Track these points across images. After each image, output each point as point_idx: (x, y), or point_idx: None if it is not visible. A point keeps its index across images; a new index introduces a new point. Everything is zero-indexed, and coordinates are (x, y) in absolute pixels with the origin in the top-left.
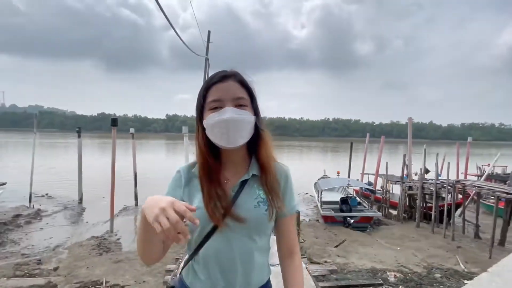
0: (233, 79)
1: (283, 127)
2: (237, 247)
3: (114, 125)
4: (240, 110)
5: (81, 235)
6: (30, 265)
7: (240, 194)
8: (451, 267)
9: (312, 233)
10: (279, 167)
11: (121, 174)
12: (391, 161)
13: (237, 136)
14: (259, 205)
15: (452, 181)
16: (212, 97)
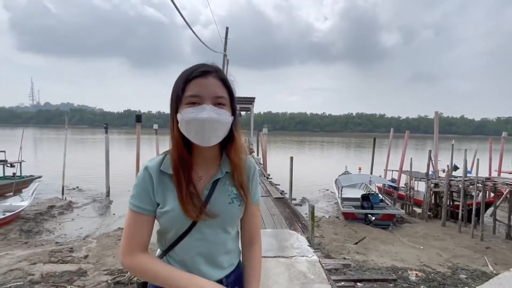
0: (214, 75)
1: (304, 122)
2: (212, 240)
3: (138, 121)
4: (219, 109)
5: (108, 226)
6: (63, 253)
7: (214, 192)
8: (478, 268)
9: (331, 230)
10: (248, 161)
11: None
12: (418, 158)
13: (212, 135)
14: (233, 201)
15: (481, 178)
16: (191, 92)
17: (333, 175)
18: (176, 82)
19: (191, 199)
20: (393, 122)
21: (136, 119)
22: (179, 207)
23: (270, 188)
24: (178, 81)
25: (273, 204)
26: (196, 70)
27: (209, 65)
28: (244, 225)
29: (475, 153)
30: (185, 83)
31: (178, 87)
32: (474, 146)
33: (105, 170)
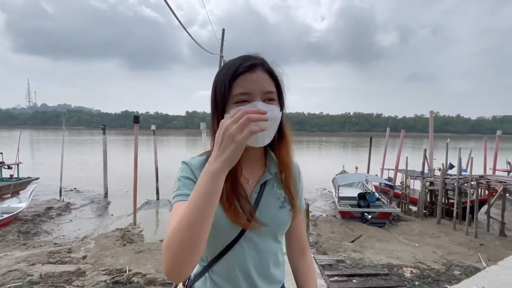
0: (261, 68)
1: (302, 122)
2: (264, 250)
3: (136, 122)
4: (269, 105)
5: (107, 227)
6: (61, 253)
7: (263, 196)
8: (472, 264)
9: (328, 228)
10: (294, 164)
11: (143, 170)
12: (414, 156)
13: (266, 135)
14: (284, 205)
15: (475, 176)
16: (240, 89)
17: (330, 175)
18: (220, 80)
19: (239, 203)
20: (390, 122)
21: (134, 120)
22: (224, 213)
23: None
24: (222, 78)
25: None
26: (242, 64)
27: (254, 56)
28: (295, 233)
29: (470, 152)
30: (231, 80)
31: (223, 85)
32: (470, 145)
33: (103, 171)
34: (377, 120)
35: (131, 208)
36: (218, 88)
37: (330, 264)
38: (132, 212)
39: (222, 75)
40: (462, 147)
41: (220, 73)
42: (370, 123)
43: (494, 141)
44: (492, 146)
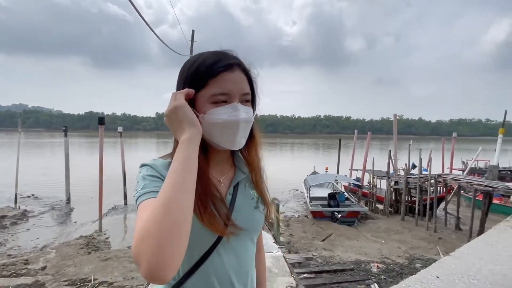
0: (239, 68)
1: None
2: (243, 256)
3: (101, 123)
4: (247, 107)
5: (69, 235)
6: (17, 265)
7: (238, 196)
8: (432, 257)
9: (300, 228)
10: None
11: (110, 174)
12: (381, 157)
13: (242, 138)
14: (258, 206)
15: (434, 175)
16: (220, 89)
17: (302, 176)
18: (194, 75)
19: (214, 206)
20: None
21: (99, 121)
22: (196, 218)
23: None
24: (198, 73)
25: None
26: (221, 62)
27: (230, 54)
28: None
29: (430, 153)
30: (209, 78)
31: (197, 80)
32: (430, 146)
33: (64, 175)
34: (346, 123)
35: (97, 214)
36: (190, 82)
37: (300, 262)
38: (97, 218)
39: (197, 70)
40: (423, 148)
41: (191, 67)
42: (340, 125)
43: (451, 143)
44: (449, 147)
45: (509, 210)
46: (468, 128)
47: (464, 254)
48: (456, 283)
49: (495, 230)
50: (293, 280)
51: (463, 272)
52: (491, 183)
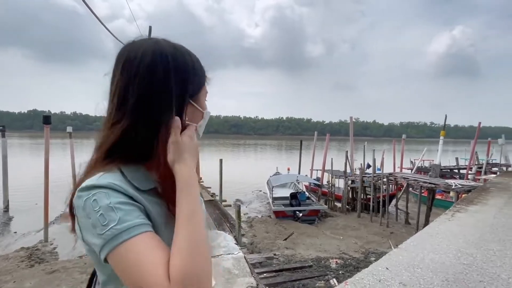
0: None
1: (238, 125)
2: None
3: (47, 123)
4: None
5: (8, 247)
6: None
7: None
8: (384, 250)
9: (263, 229)
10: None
11: (57, 178)
12: (339, 158)
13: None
14: None
15: (386, 174)
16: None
17: (266, 176)
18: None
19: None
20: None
21: (44, 121)
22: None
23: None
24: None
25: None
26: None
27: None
28: None
29: (383, 153)
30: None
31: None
32: (383, 147)
33: (2, 180)
34: (307, 125)
35: (41, 223)
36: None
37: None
38: (42, 227)
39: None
40: (377, 149)
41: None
42: (302, 127)
43: (401, 144)
44: (400, 148)
45: (449, 204)
46: (416, 130)
47: (410, 246)
48: (402, 273)
49: (436, 222)
50: (254, 280)
51: (409, 262)
52: (434, 180)
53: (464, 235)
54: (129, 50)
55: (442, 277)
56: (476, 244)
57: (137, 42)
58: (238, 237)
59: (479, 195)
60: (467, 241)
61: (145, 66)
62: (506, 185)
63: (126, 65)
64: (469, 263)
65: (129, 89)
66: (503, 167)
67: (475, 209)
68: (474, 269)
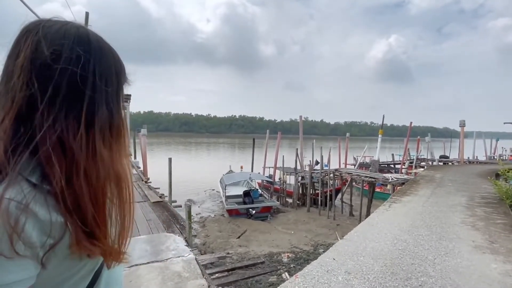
0: None
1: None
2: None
3: None
4: None
5: None
6: None
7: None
8: (332, 241)
9: (216, 228)
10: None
11: None
12: (290, 155)
13: None
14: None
15: (332, 170)
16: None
17: (219, 175)
18: (121, 68)
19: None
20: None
21: None
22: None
23: (148, 192)
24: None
25: (150, 208)
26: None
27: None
28: None
29: (329, 151)
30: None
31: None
32: (329, 145)
33: None
34: (260, 123)
35: None
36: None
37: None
38: None
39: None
40: (324, 147)
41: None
42: (254, 125)
43: (345, 142)
44: (344, 146)
45: (386, 196)
46: (358, 129)
47: (354, 236)
48: (347, 262)
49: (376, 213)
50: (205, 282)
51: (353, 251)
52: (374, 175)
53: (399, 223)
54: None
55: (381, 263)
56: (409, 231)
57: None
58: (189, 239)
59: (410, 187)
60: (401, 229)
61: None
62: (432, 178)
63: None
64: (403, 248)
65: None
66: (429, 161)
67: (407, 199)
68: (407, 253)
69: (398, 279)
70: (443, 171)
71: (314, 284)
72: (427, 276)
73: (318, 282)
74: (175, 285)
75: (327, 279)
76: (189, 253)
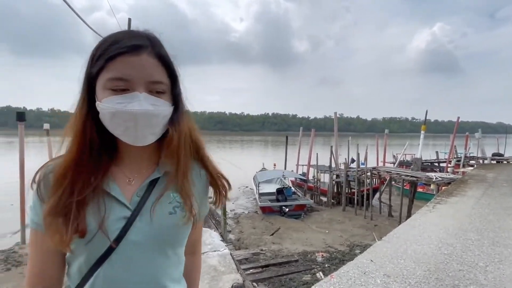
0: (149, 52)
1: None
2: (147, 267)
3: (21, 120)
4: (156, 98)
5: None
6: None
7: (148, 198)
8: (369, 243)
9: (250, 224)
10: (196, 164)
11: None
12: (324, 153)
13: (148, 133)
14: (175, 211)
15: (369, 168)
16: (116, 74)
17: (252, 172)
18: (93, 54)
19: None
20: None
21: (18, 118)
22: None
23: None
24: (96, 53)
25: None
26: (123, 41)
27: (141, 33)
28: (190, 236)
29: (366, 148)
30: (107, 60)
31: (98, 62)
32: (366, 142)
33: None
34: (293, 120)
35: (18, 224)
36: (89, 64)
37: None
38: (19, 229)
39: (97, 49)
40: (361, 144)
41: (97, 46)
42: (287, 123)
43: (384, 139)
44: (382, 143)
45: (429, 196)
46: (398, 125)
47: (394, 237)
48: (386, 264)
49: (418, 214)
50: (240, 277)
51: (392, 254)
52: (416, 174)
53: (444, 226)
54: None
55: (424, 267)
56: (456, 234)
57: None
58: (224, 234)
59: (458, 187)
60: (447, 232)
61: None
62: (483, 177)
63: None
64: (449, 253)
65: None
66: (479, 160)
67: (454, 200)
68: (454, 258)
69: (443, 286)
70: (496, 170)
71: (350, 286)
72: (478, 285)
73: (354, 284)
74: (212, 278)
75: (364, 281)
76: (225, 248)
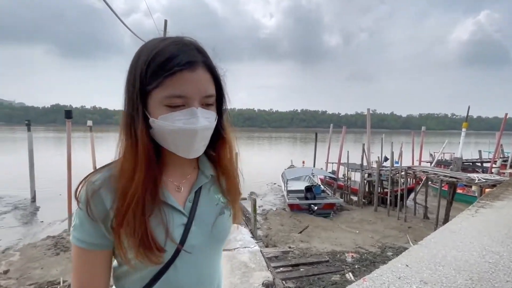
0: (203, 66)
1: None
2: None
3: (68, 117)
4: (208, 111)
5: (35, 236)
6: None
7: (199, 203)
8: (402, 245)
9: (278, 221)
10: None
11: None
12: (355, 151)
13: (201, 145)
14: (224, 212)
15: (404, 167)
16: (175, 91)
17: (280, 169)
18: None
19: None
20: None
21: (66, 115)
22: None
23: None
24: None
25: None
26: (180, 58)
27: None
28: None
29: (401, 146)
30: (165, 76)
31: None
32: (401, 140)
33: (29, 172)
34: (322, 117)
35: (66, 213)
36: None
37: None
38: (66, 217)
39: (150, 64)
40: (395, 142)
41: (146, 59)
42: (317, 119)
43: (420, 136)
44: (419, 141)
45: (471, 199)
46: (435, 122)
47: (431, 242)
48: (423, 270)
49: (459, 218)
50: (270, 274)
51: (429, 259)
52: (455, 174)
53: (489, 232)
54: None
55: (466, 276)
56: (503, 242)
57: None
58: (254, 231)
59: (505, 190)
60: (492, 239)
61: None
62: None
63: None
64: (495, 262)
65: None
66: None
67: (500, 204)
68: (500, 268)
69: None
70: None
71: None
72: None
73: None
74: (242, 274)
75: (399, 286)
76: (255, 245)
